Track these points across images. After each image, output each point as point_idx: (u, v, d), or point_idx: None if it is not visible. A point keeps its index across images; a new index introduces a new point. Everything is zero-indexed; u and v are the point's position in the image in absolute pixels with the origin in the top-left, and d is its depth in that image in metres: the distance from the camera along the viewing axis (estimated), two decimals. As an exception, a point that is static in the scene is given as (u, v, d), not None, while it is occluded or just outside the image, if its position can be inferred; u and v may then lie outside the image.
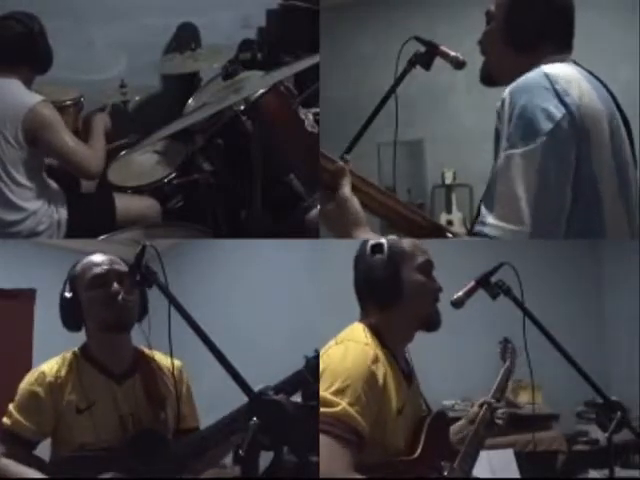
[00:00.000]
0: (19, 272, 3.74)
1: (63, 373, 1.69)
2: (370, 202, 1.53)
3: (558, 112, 1.44)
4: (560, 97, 1.45)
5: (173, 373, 1.72)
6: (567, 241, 1.52)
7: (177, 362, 1.79)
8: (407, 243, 1.58)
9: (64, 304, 1.73)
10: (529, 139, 1.43)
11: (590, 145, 1.48)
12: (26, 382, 1.70)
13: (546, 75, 1.49)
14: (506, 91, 1.51)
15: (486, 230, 1.44)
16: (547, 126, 1.42)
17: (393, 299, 1.54)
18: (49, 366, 1.71)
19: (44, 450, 1.73)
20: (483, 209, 1.47)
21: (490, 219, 1.44)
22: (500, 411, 1.76)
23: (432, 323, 1.59)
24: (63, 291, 1.73)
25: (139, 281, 1.52)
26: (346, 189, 1.46)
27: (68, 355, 1.74)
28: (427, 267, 1.59)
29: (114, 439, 1.65)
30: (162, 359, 1.82)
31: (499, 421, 1.75)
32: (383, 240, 1.55)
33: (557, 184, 1.43)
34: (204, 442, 1.64)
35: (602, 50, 4.25)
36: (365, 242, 1.58)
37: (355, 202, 1.46)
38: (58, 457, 1.68)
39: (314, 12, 4.00)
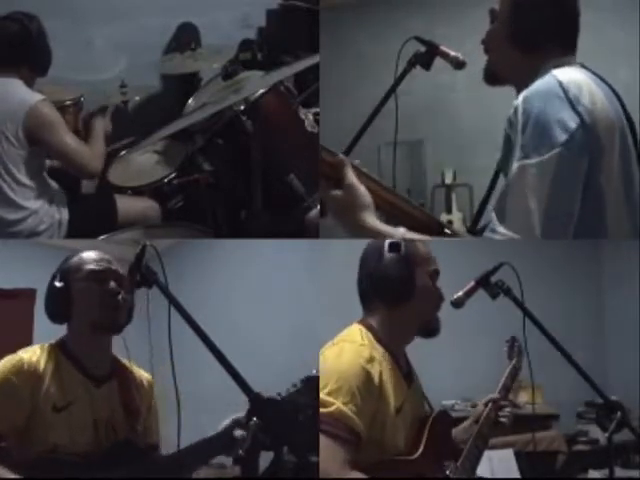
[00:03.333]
0: (19, 272, 3.74)
1: (42, 364, 1.60)
2: (372, 196, 1.53)
3: (572, 122, 1.43)
4: (573, 106, 1.45)
5: (174, 380, 1.69)
6: (567, 241, 1.52)
7: (148, 375, 1.79)
8: (422, 248, 1.59)
9: (53, 295, 1.67)
10: (543, 150, 1.42)
11: (602, 152, 1.48)
12: (1, 368, 1.57)
13: (559, 83, 1.48)
14: (519, 98, 1.50)
15: (497, 238, 1.45)
16: (562, 137, 1.42)
17: (403, 298, 1.55)
18: (28, 354, 1.61)
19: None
20: (494, 218, 1.47)
21: (501, 229, 1.44)
22: (505, 410, 1.76)
23: (432, 330, 1.61)
24: (52, 281, 1.67)
25: (139, 281, 1.51)
26: (352, 176, 1.48)
27: (46, 347, 1.66)
28: (435, 276, 1.61)
29: (87, 443, 1.59)
30: (136, 370, 1.78)
31: (504, 419, 1.74)
32: (400, 240, 1.55)
33: (569, 195, 1.44)
34: (182, 462, 1.61)
35: (602, 50, 4.24)
36: (372, 242, 1.59)
37: (362, 187, 1.49)
38: (30, 456, 1.55)
39: (314, 12, 4.01)
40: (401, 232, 1.50)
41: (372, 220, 1.50)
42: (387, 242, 1.56)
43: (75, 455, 1.56)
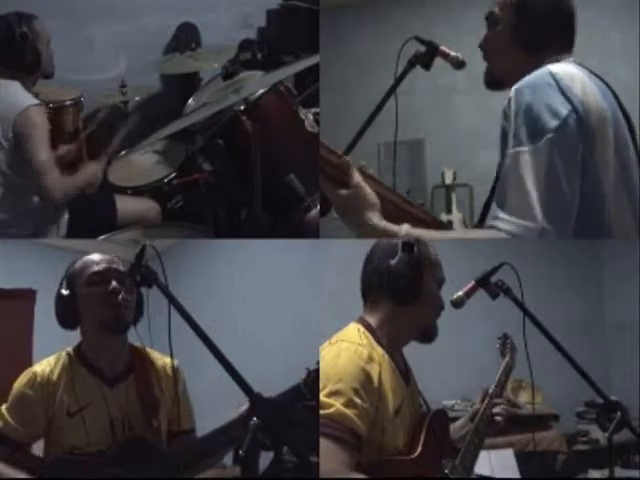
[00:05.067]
0: (19, 272, 3.74)
1: (55, 374, 1.67)
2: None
3: (564, 109, 1.45)
4: (565, 94, 1.47)
5: (174, 371, 1.71)
6: (567, 241, 1.53)
7: (174, 361, 1.77)
8: (433, 253, 1.60)
9: (61, 301, 1.70)
10: (536, 136, 1.44)
11: (594, 142, 1.49)
12: (18, 383, 1.68)
13: (551, 73, 1.51)
14: (512, 90, 1.52)
15: (499, 224, 1.45)
16: (553, 123, 1.44)
17: (410, 299, 1.54)
18: (41, 367, 1.69)
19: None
20: (494, 206, 1.49)
21: (502, 214, 1.46)
22: (499, 407, 1.75)
23: (430, 336, 1.61)
24: (60, 288, 1.71)
25: (139, 281, 1.51)
26: (358, 177, 1.50)
27: (62, 355, 1.72)
28: (442, 283, 1.62)
29: (104, 443, 1.64)
30: (158, 358, 1.80)
31: (498, 417, 1.74)
32: (414, 241, 1.56)
33: (566, 180, 1.44)
34: (198, 451, 1.63)
35: (602, 50, 4.24)
36: (381, 240, 1.59)
37: (368, 188, 1.51)
38: (47, 459, 1.66)
39: (314, 12, 4.01)
40: (405, 229, 1.51)
41: (378, 220, 1.51)
42: (400, 241, 1.56)
43: (92, 455, 1.61)
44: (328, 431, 1.36)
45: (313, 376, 1.56)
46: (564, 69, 1.54)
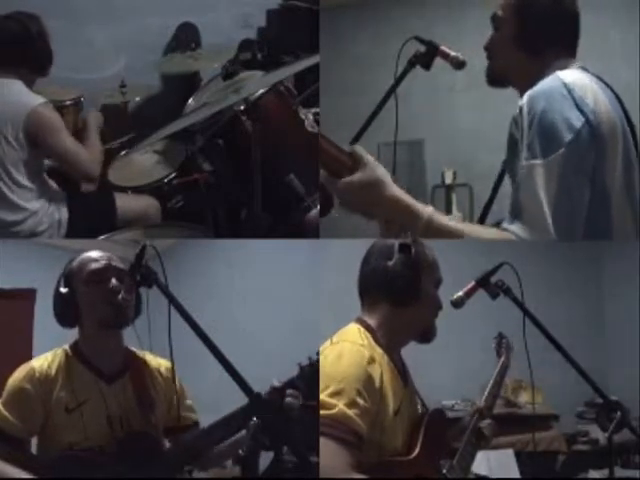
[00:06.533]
0: (19, 272, 3.74)
1: (53, 370, 1.66)
2: None
3: (578, 121, 1.46)
4: (578, 106, 1.48)
5: (172, 372, 1.71)
6: (567, 242, 1.53)
7: (168, 362, 1.78)
8: (430, 254, 1.60)
9: (59, 300, 1.70)
10: (550, 149, 1.45)
11: (605, 152, 1.50)
12: (15, 378, 1.66)
13: (563, 83, 1.51)
14: (524, 98, 1.52)
15: (513, 229, 1.46)
16: (568, 136, 1.45)
17: (408, 300, 1.54)
18: (39, 362, 1.68)
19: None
20: (508, 215, 1.49)
21: (513, 227, 1.46)
22: (485, 422, 1.75)
23: (429, 336, 1.62)
24: (58, 287, 1.70)
25: (139, 281, 1.51)
26: (369, 156, 1.46)
27: (59, 352, 1.72)
28: (439, 284, 1.62)
29: (102, 439, 1.63)
30: (152, 360, 1.80)
31: (486, 432, 1.74)
32: (410, 242, 1.55)
33: (577, 192, 1.46)
34: (200, 442, 1.62)
35: (602, 50, 4.24)
36: (378, 240, 1.59)
37: (381, 166, 1.46)
38: (47, 456, 1.64)
39: (314, 12, 4.01)
40: (429, 211, 1.47)
41: (401, 192, 1.46)
42: (397, 242, 1.56)
43: (90, 451, 1.61)
44: (331, 432, 1.35)
45: (307, 370, 1.56)
46: (576, 78, 1.54)
